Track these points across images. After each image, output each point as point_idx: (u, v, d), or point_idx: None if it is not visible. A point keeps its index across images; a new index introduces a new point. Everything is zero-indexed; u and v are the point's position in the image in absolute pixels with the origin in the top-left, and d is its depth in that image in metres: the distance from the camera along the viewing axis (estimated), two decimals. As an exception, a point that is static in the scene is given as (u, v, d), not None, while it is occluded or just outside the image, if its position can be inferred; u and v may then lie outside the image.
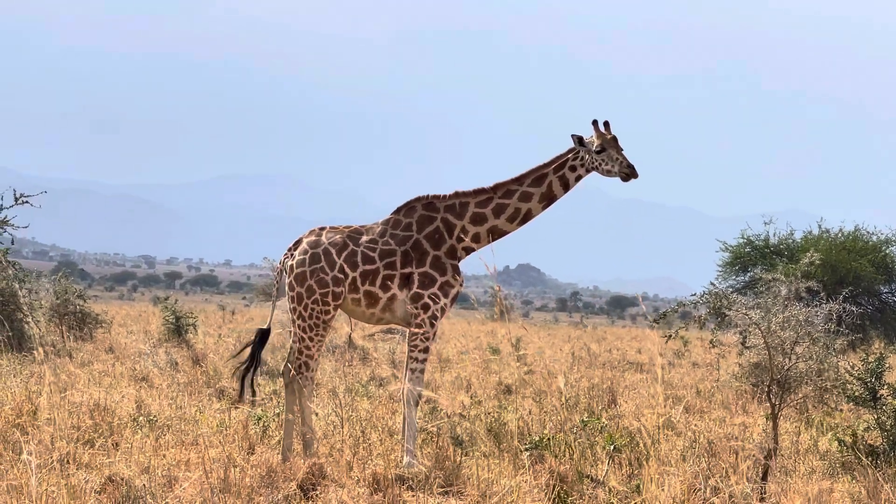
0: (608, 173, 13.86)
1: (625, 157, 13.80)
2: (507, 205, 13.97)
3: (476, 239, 13.97)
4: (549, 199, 14.01)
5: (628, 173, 13.82)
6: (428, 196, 14.06)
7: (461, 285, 13.93)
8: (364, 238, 13.90)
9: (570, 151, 13.96)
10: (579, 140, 13.91)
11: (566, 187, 14.01)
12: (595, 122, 13.89)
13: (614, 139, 13.85)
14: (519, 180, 13.99)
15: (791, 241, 43.75)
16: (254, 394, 14.42)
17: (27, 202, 25.69)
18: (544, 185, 13.96)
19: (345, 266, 13.77)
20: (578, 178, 14.00)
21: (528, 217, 14.05)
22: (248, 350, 14.30)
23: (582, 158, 13.91)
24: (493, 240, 14.05)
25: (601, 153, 13.84)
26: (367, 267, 13.77)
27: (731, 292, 14.78)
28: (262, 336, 14.26)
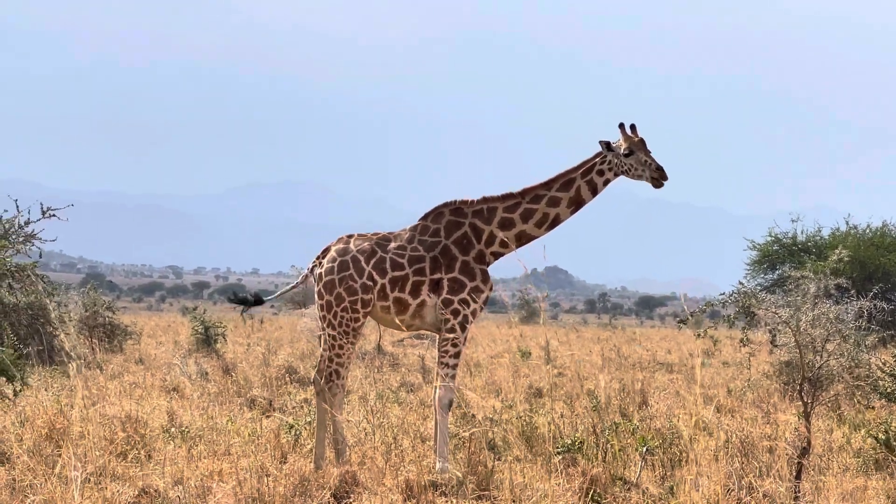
0: (638, 178, 13.82)
1: (653, 160, 13.75)
2: (536, 210, 13.93)
3: (504, 244, 13.94)
4: (577, 204, 13.97)
5: (658, 177, 13.74)
6: (456, 201, 14.02)
7: (490, 290, 13.90)
8: (392, 245, 13.88)
9: (597, 156, 13.92)
10: (607, 145, 13.88)
11: (594, 192, 13.96)
12: (622, 126, 13.85)
13: (642, 142, 13.81)
14: (547, 185, 13.95)
15: (819, 237, 43.56)
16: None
17: (54, 215, 25.79)
18: (572, 189, 13.92)
19: (374, 273, 13.75)
20: (607, 183, 13.95)
21: (556, 222, 14.00)
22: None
23: (610, 162, 13.87)
24: (522, 245, 14.03)
25: (629, 156, 13.80)
26: (397, 273, 13.76)
27: (760, 291, 14.73)
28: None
